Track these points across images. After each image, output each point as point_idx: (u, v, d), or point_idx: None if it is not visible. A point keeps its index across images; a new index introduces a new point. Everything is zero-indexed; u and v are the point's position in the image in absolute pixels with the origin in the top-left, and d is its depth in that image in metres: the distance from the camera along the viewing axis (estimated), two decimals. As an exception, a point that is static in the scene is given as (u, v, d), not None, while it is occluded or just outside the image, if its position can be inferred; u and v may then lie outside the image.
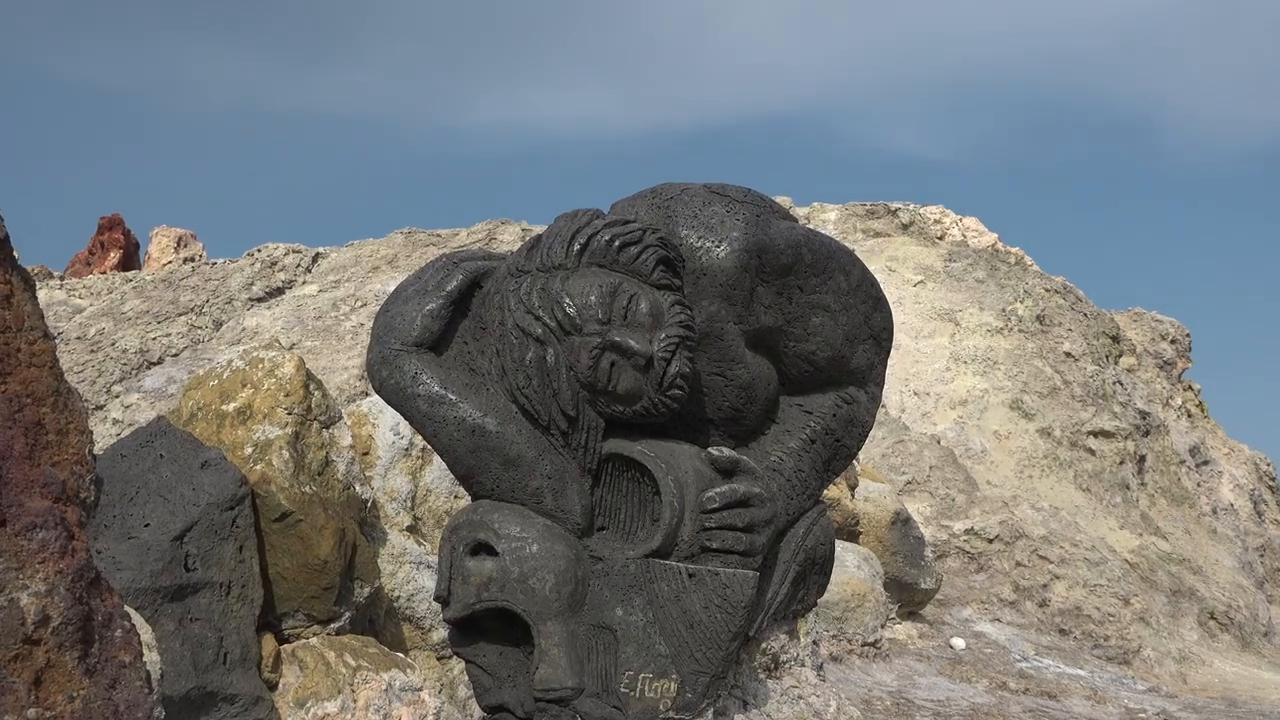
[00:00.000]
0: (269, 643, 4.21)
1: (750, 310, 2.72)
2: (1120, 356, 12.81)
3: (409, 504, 4.96)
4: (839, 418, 2.87)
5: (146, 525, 4.00)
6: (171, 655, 3.89)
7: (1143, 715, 7.17)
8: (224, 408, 4.44)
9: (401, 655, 4.53)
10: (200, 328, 10.73)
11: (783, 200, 13.69)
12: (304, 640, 4.32)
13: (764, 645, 2.92)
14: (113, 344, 10.31)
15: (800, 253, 2.75)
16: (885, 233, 13.77)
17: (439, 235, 11.92)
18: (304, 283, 11.36)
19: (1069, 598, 9.14)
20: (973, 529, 9.40)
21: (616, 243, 2.63)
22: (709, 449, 2.71)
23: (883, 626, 7.27)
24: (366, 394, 8.71)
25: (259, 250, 11.89)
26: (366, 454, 4.92)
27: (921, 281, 12.73)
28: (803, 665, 3.03)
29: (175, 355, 10.24)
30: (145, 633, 3.51)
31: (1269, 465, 13.21)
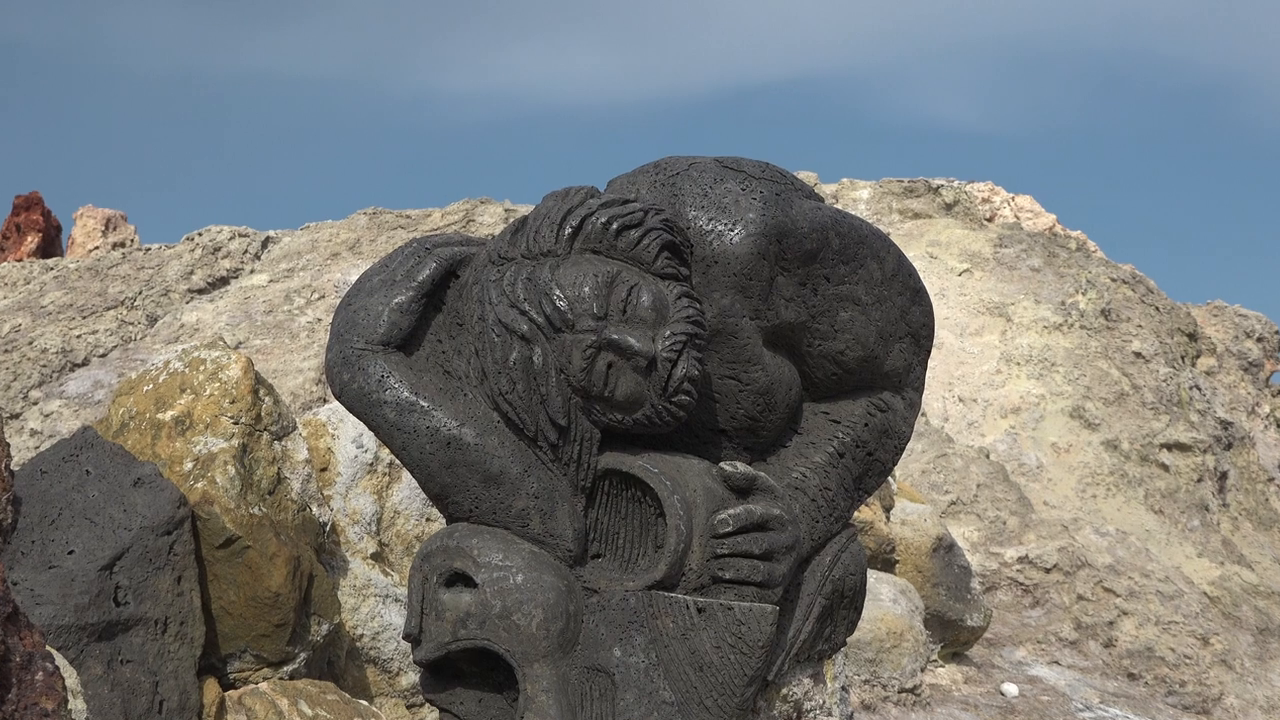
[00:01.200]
0: (211, 688, 4.22)
1: (769, 303, 2.73)
2: (1198, 357, 12.82)
3: (374, 528, 4.97)
4: (871, 428, 2.87)
5: (71, 552, 4.00)
6: (99, 703, 3.89)
7: (1224, 773, 7.18)
8: (160, 416, 4.46)
9: (365, 703, 4.53)
10: (132, 324, 10.75)
11: (807, 176, 13.70)
12: (252, 686, 4.32)
13: (785, 691, 2.93)
14: (30, 343, 10.32)
15: (827, 237, 2.76)
16: (925, 214, 13.78)
17: (408, 216, 11.94)
18: (252, 271, 11.38)
19: (1139, 637, 9.14)
20: (1027, 557, 9.41)
21: (614, 225, 2.64)
22: (721, 464, 2.72)
23: (922, 670, 7.28)
24: (325, 400, 8.72)
25: (200, 234, 11.91)
26: (325, 470, 4.93)
27: (967, 270, 12.74)
28: (830, 715, 3.03)
29: (103, 356, 10.25)
30: (70, 677, 3.52)
31: (1371, 483, 13.24)
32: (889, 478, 7.66)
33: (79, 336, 10.37)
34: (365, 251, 11.38)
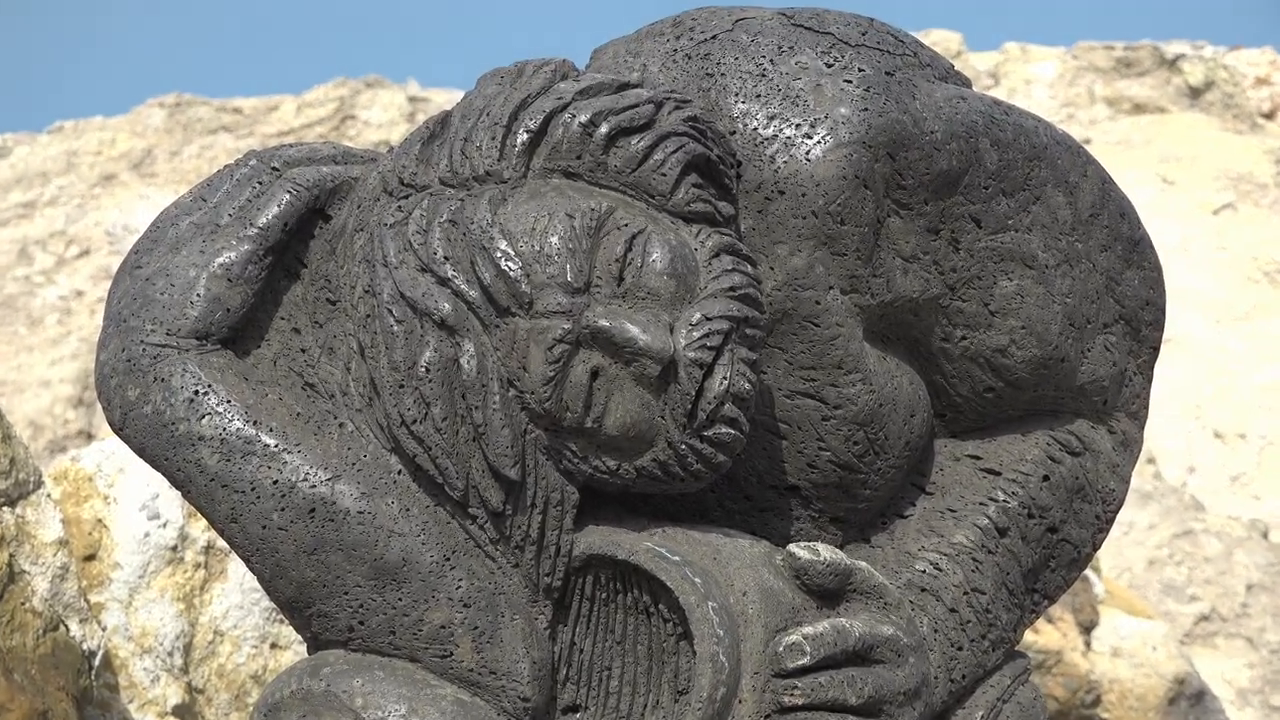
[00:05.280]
0: None
1: (875, 266, 2.75)
2: None
3: (179, 660, 4.97)
4: (1055, 484, 2.90)
5: None
6: None
7: None
8: None
9: None
10: None
11: (943, 40, 13.69)
12: None
13: None
14: None
15: (976, 148, 2.77)
16: (1154, 105, 13.78)
17: (238, 111, 11.94)
18: (-38, 208, 11.39)
19: None
20: (1336, 714, 9.40)
21: (603, 128, 2.65)
22: (791, 547, 2.73)
23: None
24: (92, 435, 8.74)
25: None
26: (92, 558, 4.92)
27: (1229, 205, 12.76)
28: None
29: None
30: None
31: None
32: (1089, 572, 7.64)
33: None
34: (162, 172, 11.35)
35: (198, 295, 2.70)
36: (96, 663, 4.75)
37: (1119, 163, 12.26)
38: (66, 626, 4.67)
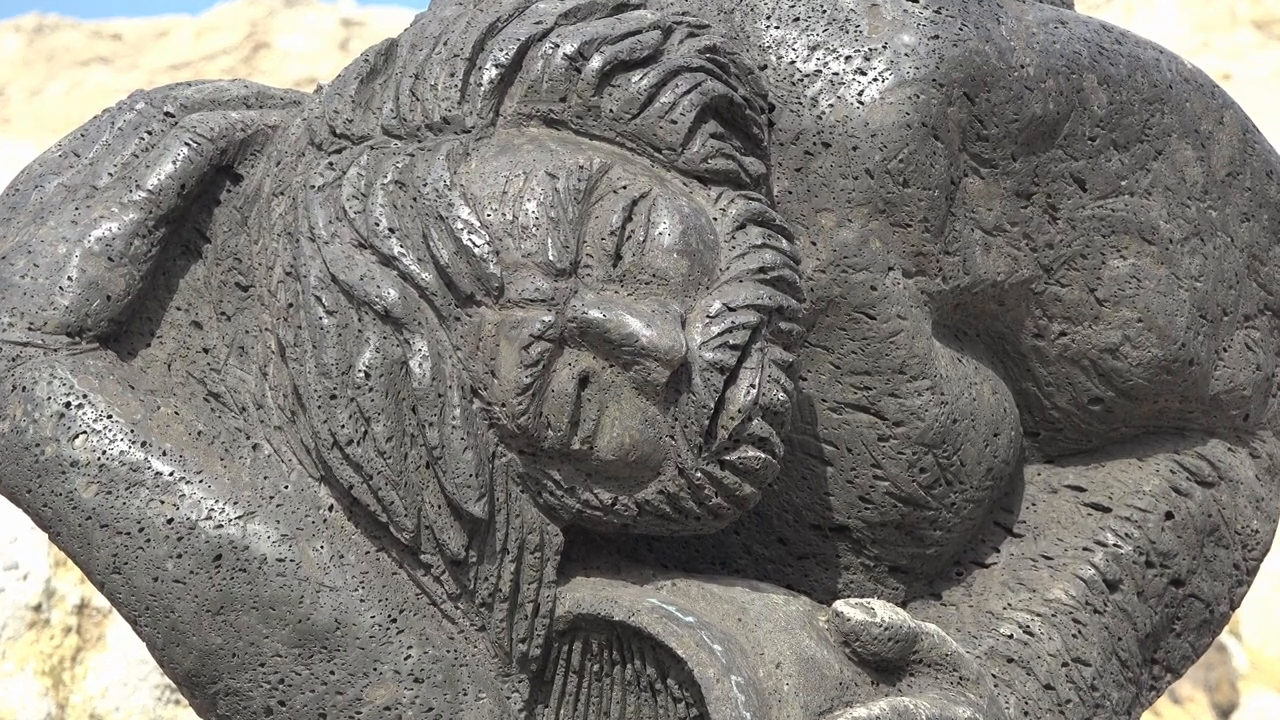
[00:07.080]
0: None
1: (947, 240, 2.77)
2: None
3: (43, 754, 4.98)
4: (1181, 523, 2.91)
5: None
6: None
7: None
8: None
9: None
10: None
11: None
12: None
13: None
14: None
15: (1079, 88, 2.79)
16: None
17: (116, 37, 11.96)
18: None
19: None
20: None
21: (595, 62, 2.67)
22: (837, 605, 2.75)
23: None
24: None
25: None
26: (-71, 621, 4.94)
27: None
28: None
29: None
30: None
31: None
32: (1226, 637, 7.64)
33: None
34: (18, 116, 11.35)
35: (69, 279, 2.72)
36: (-65, 757, 4.77)
37: (1268, 105, 12.27)
38: (-104, 709, 4.68)
